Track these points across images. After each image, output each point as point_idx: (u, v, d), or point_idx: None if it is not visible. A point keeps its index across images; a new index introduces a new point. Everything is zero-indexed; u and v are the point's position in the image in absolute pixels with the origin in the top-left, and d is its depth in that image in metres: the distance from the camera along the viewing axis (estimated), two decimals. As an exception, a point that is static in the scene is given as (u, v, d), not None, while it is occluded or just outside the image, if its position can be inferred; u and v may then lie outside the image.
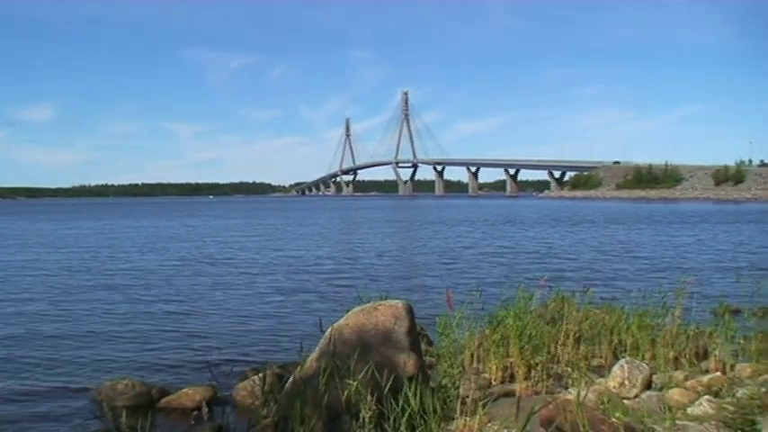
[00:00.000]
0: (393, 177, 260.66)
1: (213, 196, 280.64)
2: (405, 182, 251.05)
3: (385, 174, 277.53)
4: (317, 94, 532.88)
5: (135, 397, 7.36)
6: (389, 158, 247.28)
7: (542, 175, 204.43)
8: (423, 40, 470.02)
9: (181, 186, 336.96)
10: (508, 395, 6.40)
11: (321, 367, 5.14)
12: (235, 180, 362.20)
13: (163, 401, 7.39)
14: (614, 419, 4.22)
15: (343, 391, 4.95)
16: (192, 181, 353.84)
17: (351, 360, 5.13)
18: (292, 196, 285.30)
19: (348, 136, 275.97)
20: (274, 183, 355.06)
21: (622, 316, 8.46)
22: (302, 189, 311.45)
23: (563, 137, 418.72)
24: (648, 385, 6.05)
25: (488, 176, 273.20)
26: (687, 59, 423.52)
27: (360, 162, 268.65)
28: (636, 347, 7.66)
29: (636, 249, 26.50)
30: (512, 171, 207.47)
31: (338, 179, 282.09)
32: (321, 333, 5.81)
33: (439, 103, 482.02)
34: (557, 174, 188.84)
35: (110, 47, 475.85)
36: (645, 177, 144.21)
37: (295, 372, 5.80)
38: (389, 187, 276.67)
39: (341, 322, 5.76)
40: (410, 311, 5.76)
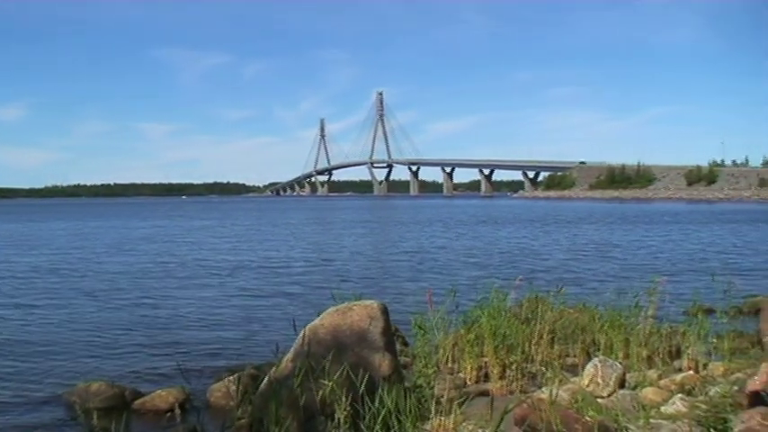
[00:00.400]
0: (368, 177, 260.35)
1: (187, 197, 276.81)
2: (380, 182, 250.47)
3: (360, 174, 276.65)
4: (292, 94, 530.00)
5: (108, 399, 7.26)
6: (364, 159, 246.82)
7: (517, 176, 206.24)
8: (397, 41, 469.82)
9: (154, 187, 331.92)
10: (483, 394, 6.41)
11: (296, 368, 5.10)
12: (209, 180, 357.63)
13: (136, 403, 7.33)
14: (588, 418, 4.24)
15: (318, 392, 4.93)
16: (166, 181, 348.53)
17: (326, 360, 5.10)
18: (267, 196, 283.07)
19: (323, 136, 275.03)
20: (249, 183, 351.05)
21: (596, 315, 8.54)
22: (277, 189, 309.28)
23: (535, 137, 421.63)
24: (622, 384, 6.08)
25: (463, 177, 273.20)
26: (659, 61, 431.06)
27: (335, 162, 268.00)
28: (609, 347, 7.71)
29: (609, 249, 26.80)
30: (486, 171, 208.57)
31: (313, 179, 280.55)
32: (296, 334, 5.77)
33: (413, 104, 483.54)
34: (531, 174, 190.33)
35: (81, 46, 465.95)
36: (618, 177, 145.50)
37: (270, 372, 5.75)
38: (364, 187, 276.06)
39: (315, 323, 5.73)
40: (385, 312, 5.76)
